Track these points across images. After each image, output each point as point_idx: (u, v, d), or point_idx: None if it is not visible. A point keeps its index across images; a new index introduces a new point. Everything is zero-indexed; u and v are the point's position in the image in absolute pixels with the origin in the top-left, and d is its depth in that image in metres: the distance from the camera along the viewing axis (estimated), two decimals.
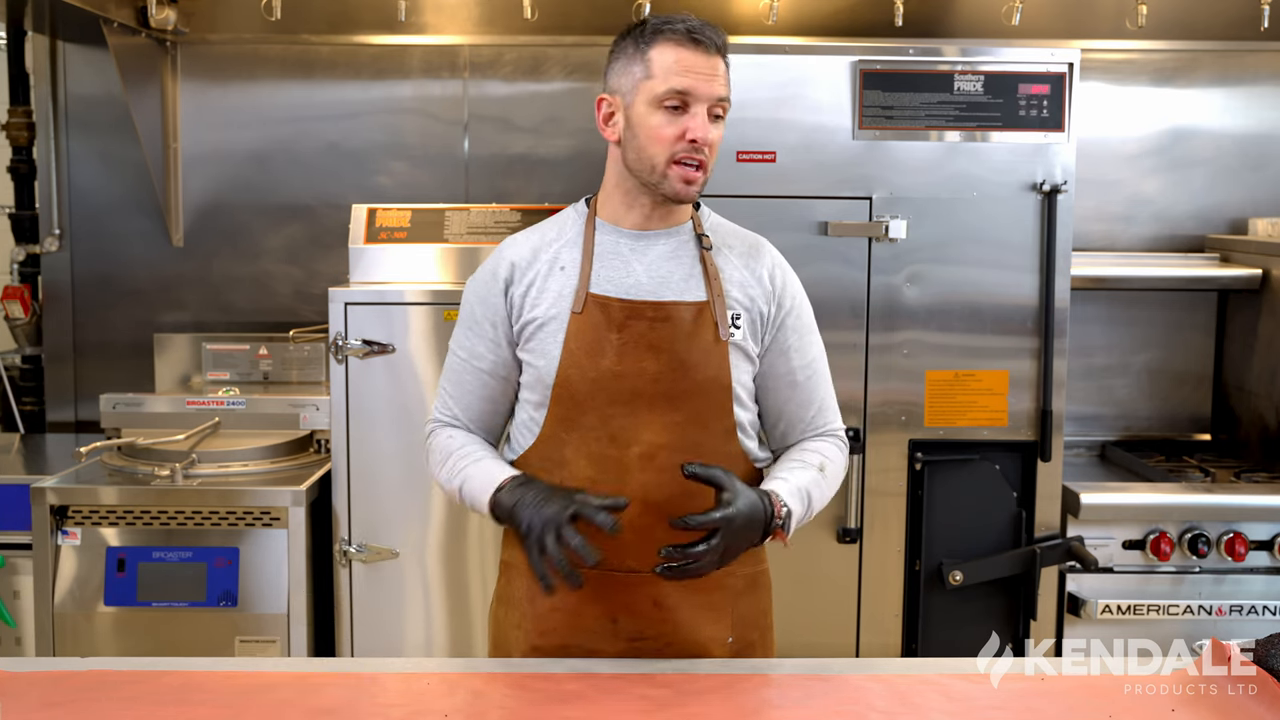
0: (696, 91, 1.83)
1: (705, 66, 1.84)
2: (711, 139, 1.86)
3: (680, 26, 1.85)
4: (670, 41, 1.84)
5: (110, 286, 3.79)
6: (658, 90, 1.84)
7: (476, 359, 1.98)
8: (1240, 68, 3.74)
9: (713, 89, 1.84)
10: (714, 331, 1.91)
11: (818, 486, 1.93)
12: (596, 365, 1.89)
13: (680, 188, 1.87)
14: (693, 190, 1.87)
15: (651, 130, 1.85)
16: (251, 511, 3.03)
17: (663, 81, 1.84)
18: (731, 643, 1.97)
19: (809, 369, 1.99)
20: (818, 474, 1.94)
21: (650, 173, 1.87)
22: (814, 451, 1.98)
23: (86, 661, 1.91)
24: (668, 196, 1.89)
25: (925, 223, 3.03)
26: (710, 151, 1.87)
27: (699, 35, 1.84)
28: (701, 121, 1.84)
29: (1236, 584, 3.14)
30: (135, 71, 3.54)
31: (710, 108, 1.85)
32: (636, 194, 1.93)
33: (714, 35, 1.86)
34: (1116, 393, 3.78)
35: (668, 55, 1.84)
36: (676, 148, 1.85)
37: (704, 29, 1.85)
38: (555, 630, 1.95)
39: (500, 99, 3.75)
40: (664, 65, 1.84)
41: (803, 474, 1.92)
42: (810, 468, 1.94)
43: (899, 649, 3.14)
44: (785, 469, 1.94)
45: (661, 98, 1.84)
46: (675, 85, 1.83)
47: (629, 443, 1.89)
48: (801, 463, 1.95)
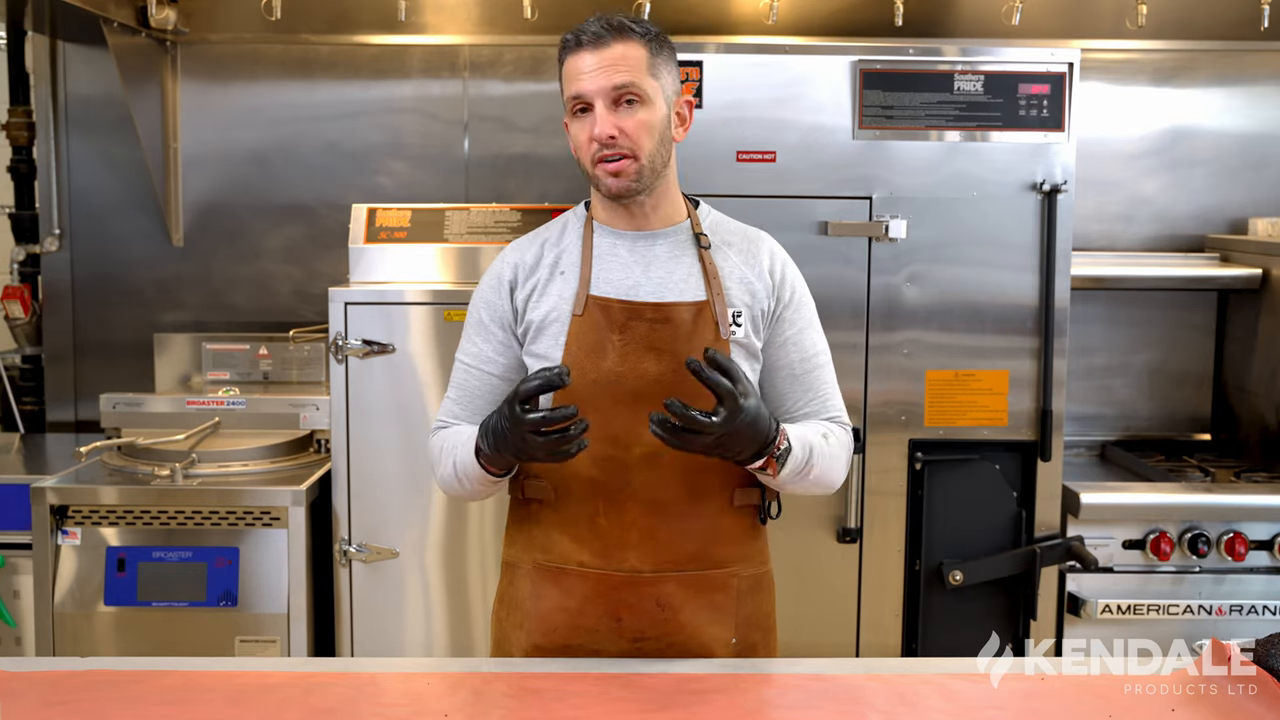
0: (586, 91, 1.86)
1: (594, 63, 1.85)
2: (626, 126, 1.85)
3: (571, 36, 1.89)
4: (568, 53, 1.90)
5: (110, 286, 3.80)
6: (566, 100, 1.90)
7: (486, 364, 1.98)
8: (1240, 68, 3.74)
9: (601, 82, 1.85)
10: (715, 330, 1.91)
11: (820, 450, 1.91)
12: (598, 367, 1.89)
13: (611, 183, 1.89)
14: (624, 182, 1.88)
15: (573, 139, 1.91)
16: (251, 511, 3.03)
17: (567, 91, 1.90)
18: (735, 643, 1.97)
19: (809, 362, 1.99)
20: (821, 439, 1.92)
21: (590, 178, 1.92)
22: (816, 424, 1.96)
23: (86, 661, 1.91)
24: (607, 195, 1.91)
25: (925, 223, 3.03)
26: (633, 139, 1.86)
27: (584, 35, 1.87)
28: (601, 118, 1.85)
29: (1236, 584, 3.14)
30: (135, 71, 3.54)
31: (615, 97, 1.85)
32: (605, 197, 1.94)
33: (604, 26, 1.86)
34: (1116, 393, 3.78)
35: (568, 66, 1.89)
36: (591, 149, 1.88)
37: (593, 25, 1.87)
38: (557, 630, 1.95)
39: (500, 99, 3.75)
40: (566, 76, 1.90)
41: (806, 430, 1.91)
42: (814, 432, 1.93)
43: (899, 649, 3.14)
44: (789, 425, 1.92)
45: (570, 106, 1.90)
46: (570, 93, 1.89)
47: (631, 443, 1.89)
48: (806, 426, 1.94)
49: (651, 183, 1.91)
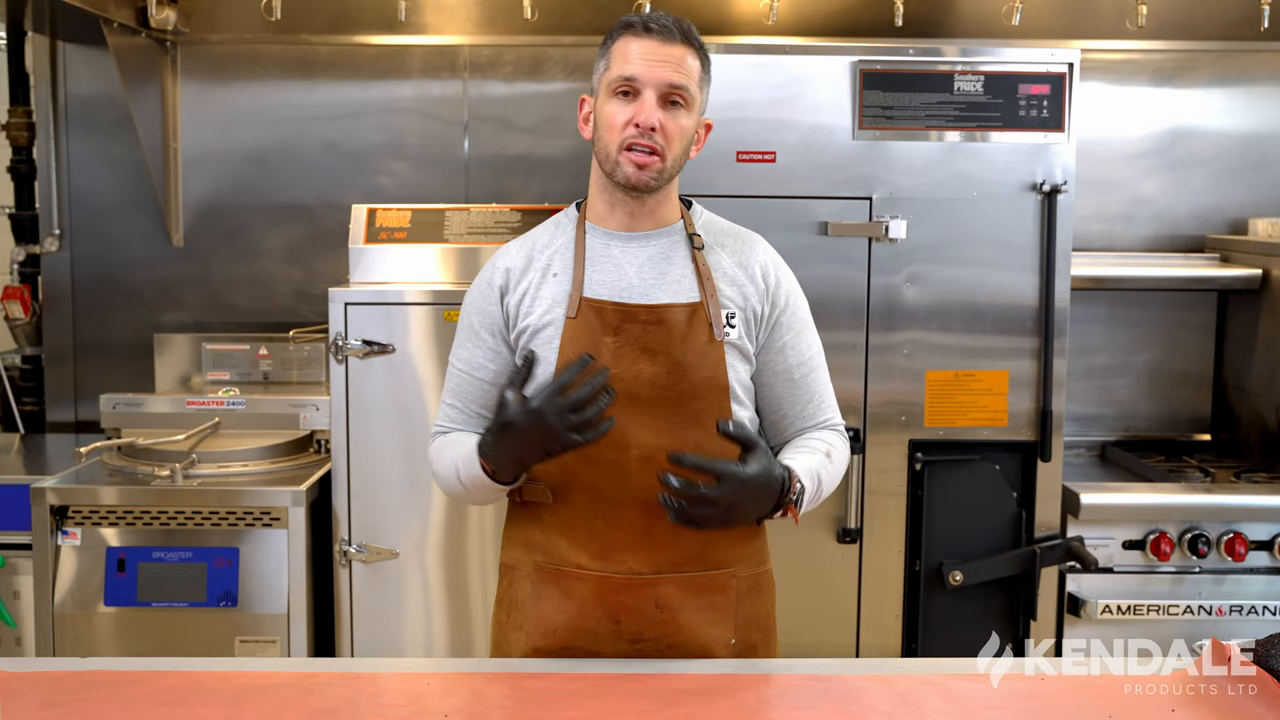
0: (643, 77, 1.85)
1: (658, 54, 1.85)
2: (667, 126, 1.85)
3: (638, 19, 1.88)
4: (629, 34, 1.88)
5: (110, 286, 3.79)
6: (610, 79, 1.88)
7: (477, 369, 1.98)
8: (1240, 68, 3.74)
9: (661, 74, 1.85)
10: (708, 332, 1.91)
11: (826, 471, 1.93)
12: (593, 369, 1.88)
13: (631, 172, 1.87)
14: (645, 176, 1.87)
15: (606, 118, 1.89)
16: (251, 511, 3.03)
17: (614, 70, 1.87)
18: (734, 644, 1.97)
19: (805, 366, 1.99)
20: (825, 459, 1.94)
21: (606, 160, 1.90)
22: (819, 439, 1.98)
23: (86, 661, 1.91)
24: (621, 184, 1.89)
25: (925, 223, 3.03)
26: (667, 139, 1.86)
27: (654, 24, 1.86)
28: (649, 107, 1.84)
29: (1236, 584, 3.14)
30: (135, 71, 3.54)
31: (666, 95, 1.86)
32: (612, 191, 1.93)
33: (675, 25, 1.87)
34: (1116, 393, 3.78)
35: (624, 46, 1.88)
36: (626, 133, 1.86)
37: (663, 19, 1.87)
38: (557, 632, 1.95)
39: (500, 99, 3.75)
40: (618, 55, 1.88)
41: (811, 458, 1.92)
42: (818, 453, 1.94)
43: (899, 649, 3.14)
44: (793, 452, 1.93)
45: (613, 85, 1.87)
46: (623, 71, 1.86)
47: (627, 445, 1.88)
48: (809, 449, 1.95)
49: (662, 186, 1.91)
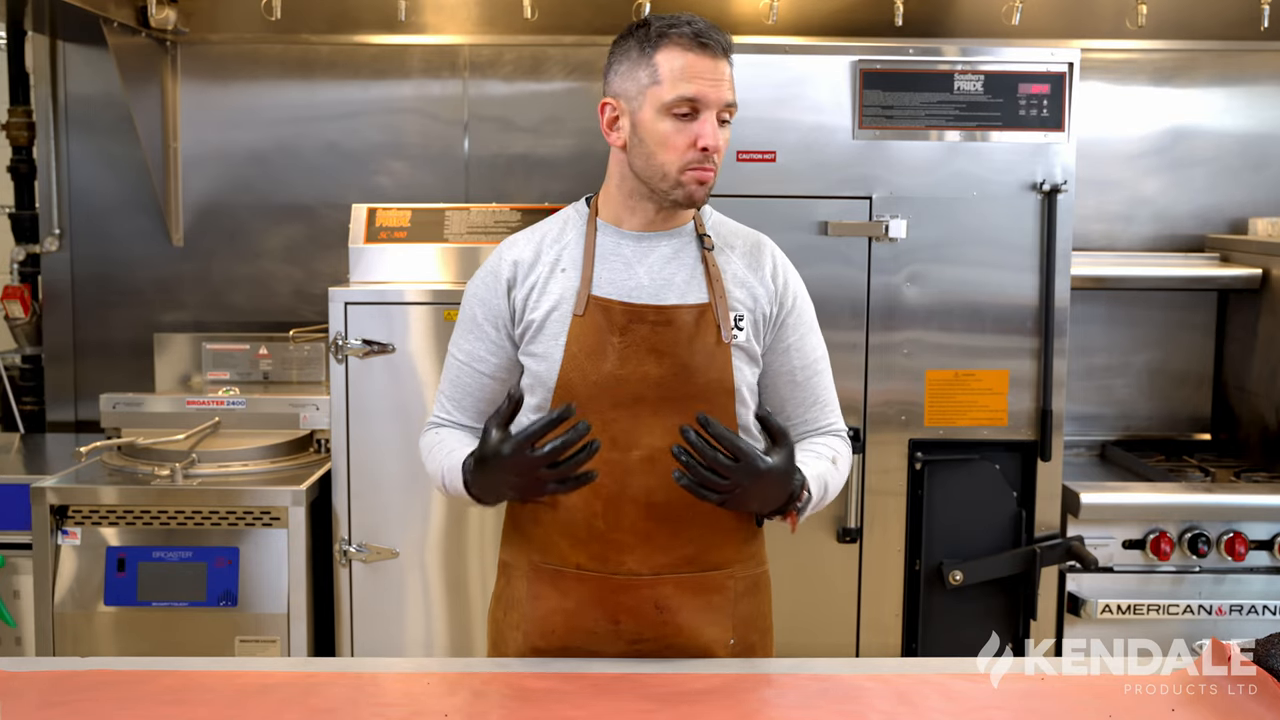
0: (706, 99, 1.81)
1: (713, 72, 1.81)
2: (721, 145, 1.84)
3: (687, 30, 1.81)
4: (677, 46, 1.81)
5: (110, 286, 3.79)
6: (666, 97, 1.81)
7: (478, 362, 1.97)
8: (1240, 68, 3.74)
9: (721, 94, 1.82)
10: (716, 334, 1.90)
11: (831, 478, 1.93)
12: (598, 368, 1.88)
13: (694, 190, 1.85)
14: (704, 193, 1.87)
15: (661, 138, 1.83)
16: (251, 511, 3.03)
17: (671, 88, 1.81)
18: (733, 644, 1.97)
19: (810, 368, 1.99)
20: (830, 466, 1.93)
21: (661, 180, 1.85)
22: (825, 445, 1.98)
23: (86, 661, 1.91)
24: (678, 202, 1.87)
25: (925, 223, 3.02)
26: (721, 156, 1.86)
27: (706, 39, 1.81)
28: (712, 129, 1.82)
29: (1236, 584, 3.14)
30: (135, 71, 3.54)
31: (718, 112, 1.83)
32: (640, 198, 1.91)
33: (720, 38, 1.83)
34: (1116, 393, 3.78)
35: (675, 60, 1.81)
36: (688, 156, 1.82)
37: (710, 32, 1.82)
38: (555, 632, 1.95)
39: (500, 99, 3.75)
40: (671, 71, 1.81)
41: (820, 464, 1.91)
42: (824, 459, 1.93)
43: (899, 649, 3.14)
44: (803, 456, 1.92)
45: (670, 105, 1.81)
46: (684, 93, 1.80)
47: (630, 446, 1.88)
48: (815, 454, 1.94)
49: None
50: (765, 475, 1.73)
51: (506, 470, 1.74)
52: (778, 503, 1.80)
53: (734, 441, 1.70)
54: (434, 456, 1.96)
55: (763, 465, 1.72)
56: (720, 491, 1.73)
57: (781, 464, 1.75)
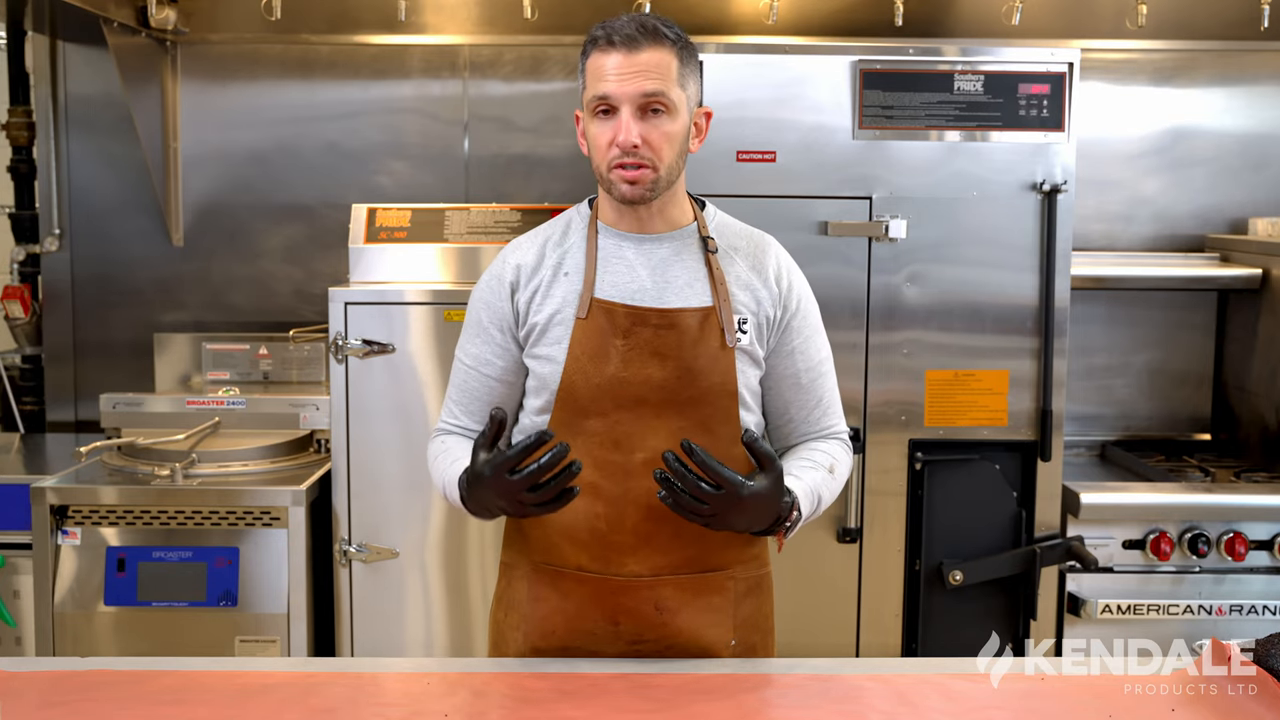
0: (614, 94, 1.82)
1: (626, 66, 1.81)
2: (650, 137, 1.83)
3: (602, 32, 1.84)
4: (596, 50, 1.85)
5: (110, 286, 3.79)
6: (588, 100, 1.86)
7: (484, 365, 1.97)
8: (1240, 68, 3.74)
9: (633, 87, 1.81)
10: (720, 337, 1.89)
11: (827, 488, 1.93)
12: (601, 371, 1.88)
13: (625, 190, 1.85)
14: (638, 190, 1.85)
15: (592, 139, 1.87)
16: (251, 511, 3.03)
17: (590, 90, 1.86)
18: (734, 645, 1.97)
19: (814, 371, 1.98)
20: (828, 475, 1.93)
21: (601, 179, 1.89)
22: (824, 453, 1.97)
23: (86, 661, 1.91)
24: (619, 200, 1.88)
25: (925, 223, 3.02)
26: (654, 150, 1.83)
27: (616, 35, 1.82)
28: (625, 124, 1.82)
29: (1236, 584, 3.14)
30: (135, 71, 3.54)
31: (644, 105, 1.82)
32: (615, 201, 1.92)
33: (638, 30, 1.82)
34: (1116, 393, 3.78)
35: (594, 63, 1.85)
36: (611, 154, 1.84)
37: (626, 27, 1.82)
38: (556, 633, 1.95)
39: (500, 99, 3.75)
40: (591, 73, 1.85)
41: (814, 475, 1.91)
42: (821, 468, 1.93)
43: (899, 649, 3.14)
44: (798, 468, 1.92)
45: (592, 106, 1.85)
46: (595, 91, 1.84)
47: (633, 449, 1.88)
48: (812, 463, 1.94)
49: (660, 193, 1.89)
50: (748, 501, 1.72)
51: (491, 492, 1.75)
52: (764, 524, 1.79)
53: (717, 470, 1.69)
54: (438, 466, 1.96)
55: (745, 492, 1.70)
56: (702, 515, 1.73)
57: (766, 489, 1.73)
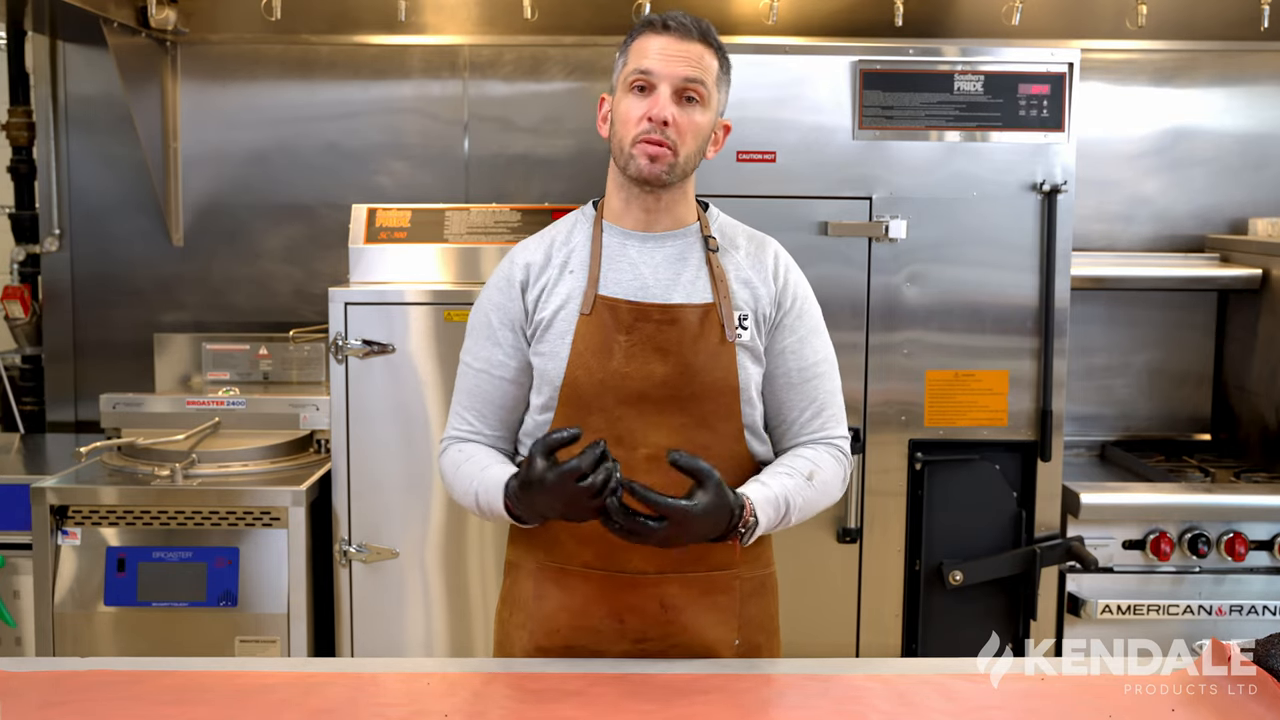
0: (657, 71, 1.86)
1: (674, 49, 1.87)
2: (680, 122, 1.86)
3: (659, 18, 1.90)
4: (649, 31, 1.90)
5: (110, 286, 3.79)
6: (626, 74, 1.89)
7: (496, 368, 1.96)
8: (1240, 68, 3.74)
9: (676, 69, 1.86)
10: (721, 333, 1.90)
11: (801, 494, 1.89)
12: (604, 367, 1.88)
13: (644, 164, 1.87)
14: (657, 169, 1.87)
15: (622, 113, 1.89)
16: (251, 511, 3.03)
17: (631, 65, 1.89)
18: (738, 645, 1.97)
19: (808, 371, 1.97)
20: (804, 482, 1.90)
21: (620, 154, 1.90)
22: (806, 459, 1.94)
23: (86, 661, 1.91)
24: (634, 178, 1.89)
25: (925, 223, 3.03)
26: (680, 135, 1.87)
27: (672, 21, 1.88)
28: (663, 100, 1.85)
29: (1236, 584, 3.14)
30: (135, 71, 3.54)
31: (680, 90, 1.87)
32: (628, 188, 1.93)
33: (694, 24, 1.89)
34: (1116, 393, 3.78)
35: (643, 44, 1.89)
36: (640, 128, 1.86)
37: (683, 17, 1.89)
38: (560, 631, 1.95)
39: (500, 99, 3.75)
40: (636, 52, 1.90)
41: (786, 481, 1.89)
42: (797, 475, 1.91)
43: (899, 649, 3.14)
44: (769, 474, 1.91)
45: (629, 79, 1.88)
46: (638, 66, 1.87)
47: (636, 444, 1.88)
48: (789, 469, 1.92)
49: (675, 181, 1.91)
50: (692, 520, 1.74)
51: (554, 497, 1.75)
52: (716, 533, 1.80)
53: (658, 502, 1.72)
54: (464, 474, 1.94)
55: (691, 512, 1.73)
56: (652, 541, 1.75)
57: (708, 504, 1.74)
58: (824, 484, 1.94)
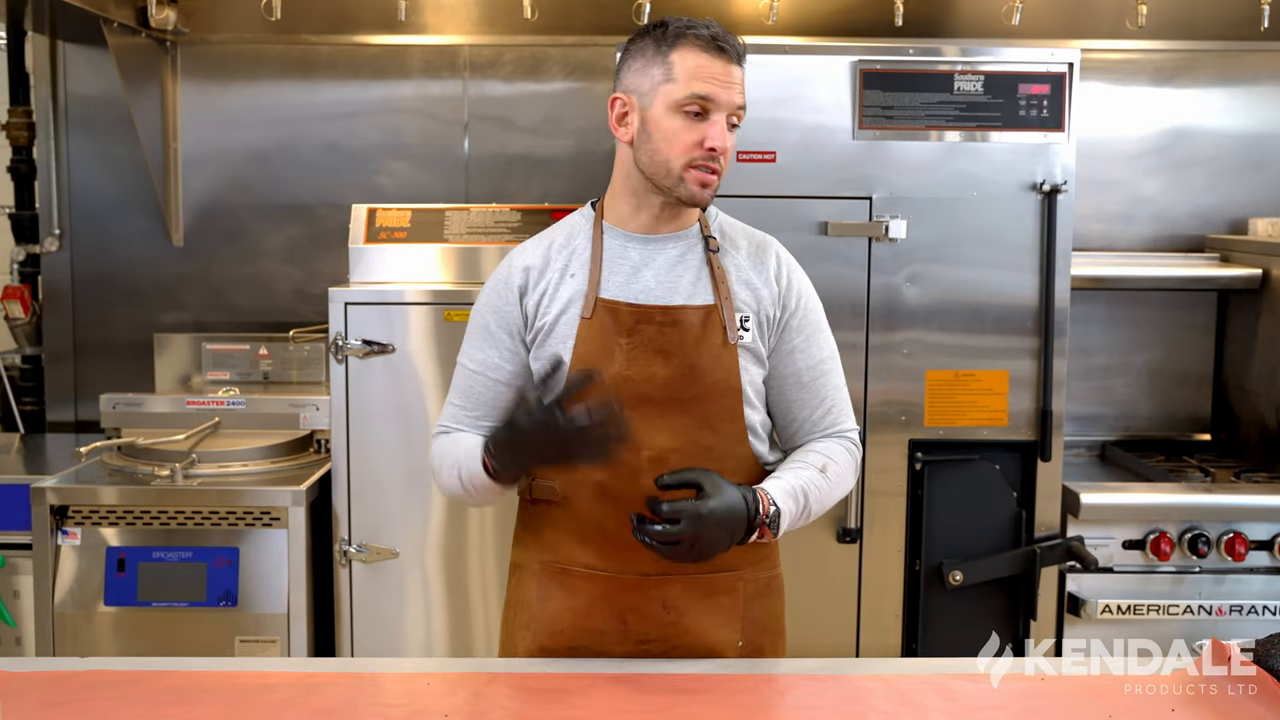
0: (718, 99, 1.84)
1: (726, 74, 1.85)
2: (727, 149, 1.87)
3: (705, 32, 1.85)
4: (694, 46, 1.84)
5: (110, 286, 3.79)
6: (678, 95, 1.84)
7: (492, 370, 1.97)
8: (1240, 68, 3.74)
9: (733, 97, 1.85)
10: (722, 335, 1.91)
11: (816, 486, 1.91)
12: (606, 369, 1.88)
13: (696, 191, 1.87)
14: (707, 194, 1.88)
15: (669, 134, 1.85)
16: (251, 511, 3.03)
17: (685, 86, 1.84)
18: (741, 646, 1.97)
19: (816, 369, 1.99)
20: (818, 474, 1.92)
21: (665, 176, 1.87)
22: (818, 452, 1.97)
23: (86, 661, 1.91)
24: (682, 200, 1.89)
25: (925, 223, 3.03)
26: (725, 159, 1.88)
27: (723, 42, 1.85)
28: (720, 130, 1.84)
29: (1236, 584, 3.14)
30: (135, 71, 3.54)
31: (728, 115, 1.86)
32: (645, 195, 1.92)
33: (736, 44, 1.87)
34: (1116, 393, 3.78)
35: (690, 60, 1.84)
36: (695, 154, 1.85)
37: (728, 37, 1.86)
38: (564, 632, 1.95)
39: (500, 99, 3.75)
40: (686, 70, 1.84)
41: (801, 473, 1.91)
42: (810, 468, 1.93)
43: (899, 649, 3.14)
44: (784, 468, 1.93)
45: (682, 103, 1.84)
46: (698, 90, 1.83)
47: (639, 446, 1.88)
48: (802, 463, 1.94)
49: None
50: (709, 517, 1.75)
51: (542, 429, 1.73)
52: (741, 529, 1.81)
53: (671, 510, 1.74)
54: (449, 452, 1.95)
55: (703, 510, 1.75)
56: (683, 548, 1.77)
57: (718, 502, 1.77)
58: (838, 475, 1.96)
